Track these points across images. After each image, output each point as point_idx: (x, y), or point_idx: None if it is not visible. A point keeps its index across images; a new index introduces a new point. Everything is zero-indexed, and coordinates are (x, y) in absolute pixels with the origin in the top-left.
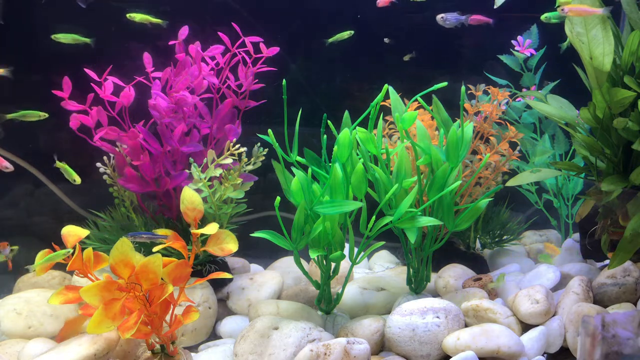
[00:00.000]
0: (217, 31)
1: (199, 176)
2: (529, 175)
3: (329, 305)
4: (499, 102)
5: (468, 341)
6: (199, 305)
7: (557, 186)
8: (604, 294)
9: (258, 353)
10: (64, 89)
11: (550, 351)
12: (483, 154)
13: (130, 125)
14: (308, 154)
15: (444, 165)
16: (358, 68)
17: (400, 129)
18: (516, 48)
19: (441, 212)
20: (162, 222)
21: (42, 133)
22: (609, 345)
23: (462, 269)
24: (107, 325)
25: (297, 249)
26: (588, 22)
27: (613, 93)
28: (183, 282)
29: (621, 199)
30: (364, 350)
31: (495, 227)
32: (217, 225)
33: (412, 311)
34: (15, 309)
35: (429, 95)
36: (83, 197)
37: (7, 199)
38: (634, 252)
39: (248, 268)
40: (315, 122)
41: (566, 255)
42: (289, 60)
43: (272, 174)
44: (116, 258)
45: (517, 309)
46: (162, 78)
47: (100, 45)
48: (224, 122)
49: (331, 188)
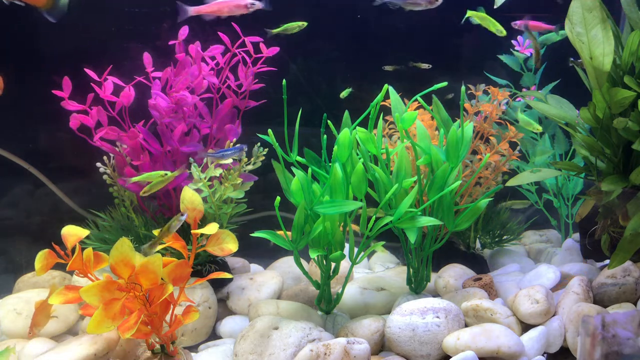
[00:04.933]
0: (217, 31)
1: (199, 176)
2: (529, 175)
3: (329, 305)
4: (499, 102)
5: (468, 341)
6: (199, 305)
7: (557, 186)
8: (604, 294)
9: (258, 353)
10: (64, 89)
11: (550, 351)
12: (483, 154)
13: (130, 125)
14: (308, 154)
15: (444, 165)
16: (358, 68)
17: (400, 129)
18: (516, 48)
19: (441, 212)
20: (162, 222)
21: (42, 133)
22: (609, 345)
23: (462, 269)
24: (107, 325)
25: (297, 249)
26: (588, 22)
27: (613, 93)
28: (183, 282)
29: (621, 199)
30: (364, 350)
31: (495, 227)
32: (217, 225)
33: (412, 311)
34: (15, 309)
35: (429, 95)
36: (83, 197)
37: (7, 199)
38: (634, 252)
39: (248, 268)
40: (315, 122)
41: (566, 255)
42: (288, 60)
43: (272, 174)
44: (116, 258)
45: (517, 309)
46: (162, 78)
47: (100, 45)
48: (224, 122)
49: (331, 188)
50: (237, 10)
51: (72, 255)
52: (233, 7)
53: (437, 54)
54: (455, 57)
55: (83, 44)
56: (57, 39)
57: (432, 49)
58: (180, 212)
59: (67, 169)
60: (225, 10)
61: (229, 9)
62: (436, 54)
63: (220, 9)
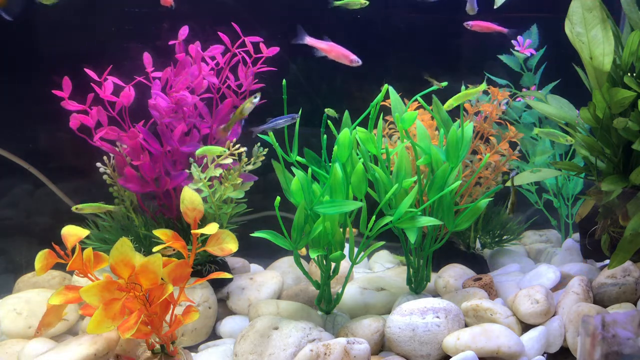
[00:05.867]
0: (217, 31)
1: (199, 176)
2: (529, 175)
3: (329, 305)
4: (499, 102)
5: (468, 341)
6: (199, 305)
7: (557, 186)
8: (604, 294)
9: (258, 353)
10: (63, 89)
11: (550, 351)
12: (483, 154)
13: (130, 125)
14: (308, 154)
15: (444, 165)
16: (358, 68)
17: (400, 129)
18: (516, 48)
19: (441, 212)
20: (162, 222)
21: (42, 133)
22: (609, 345)
23: (462, 269)
24: (107, 325)
25: (297, 249)
26: (588, 22)
27: (613, 93)
28: (183, 282)
29: (621, 199)
30: (364, 350)
31: (495, 227)
32: (217, 225)
33: (412, 311)
34: (15, 309)
35: (429, 95)
36: (83, 197)
37: (7, 199)
38: (634, 252)
39: (248, 268)
40: (315, 122)
41: (566, 255)
42: (288, 60)
43: (272, 174)
44: (116, 258)
45: (517, 309)
46: (162, 78)
47: (100, 45)
48: (224, 122)
49: (331, 188)
50: (343, 59)
51: (72, 255)
52: (341, 54)
53: (437, 54)
54: (455, 57)
55: (83, 44)
56: (57, 38)
57: (432, 49)
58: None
59: (67, 169)
60: (333, 54)
61: (336, 55)
62: (436, 54)
63: (330, 50)
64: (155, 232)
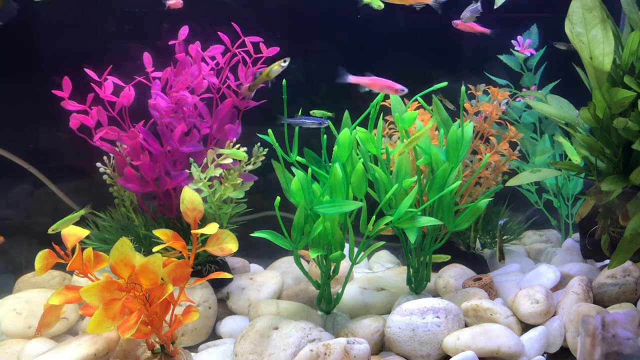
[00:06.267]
0: (217, 31)
1: (199, 176)
2: (529, 175)
3: (329, 305)
4: (499, 102)
5: (468, 341)
6: (199, 305)
7: (557, 186)
8: (604, 294)
9: (258, 353)
10: (63, 89)
11: (550, 351)
12: (483, 154)
13: (130, 125)
14: (308, 153)
15: (444, 165)
16: (358, 68)
17: (400, 129)
18: (516, 48)
19: (441, 212)
20: (162, 222)
21: (42, 133)
22: (609, 345)
23: (462, 269)
24: (107, 325)
25: (297, 249)
26: (588, 22)
27: (613, 93)
28: (183, 282)
29: (621, 199)
30: (364, 350)
31: (495, 227)
32: (217, 225)
33: (412, 311)
34: (15, 309)
35: (429, 95)
36: (83, 197)
37: (7, 199)
38: (634, 252)
39: (248, 268)
40: None
41: (566, 255)
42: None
43: (272, 174)
44: (116, 258)
45: (517, 309)
46: (162, 78)
47: (100, 45)
48: (224, 122)
49: (331, 188)
50: (388, 90)
51: (72, 255)
52: (385, 86)
53: (437, 54)
54: (456, 57)
55: (83, 44)
56: (57, 38)
57: (433, 49)
58: (284, 59)
59: (67, 169)
60: (377, 87)
61: (381, 87)
62: (437, 54)
63: (374, 84)
64: (155, 232)
